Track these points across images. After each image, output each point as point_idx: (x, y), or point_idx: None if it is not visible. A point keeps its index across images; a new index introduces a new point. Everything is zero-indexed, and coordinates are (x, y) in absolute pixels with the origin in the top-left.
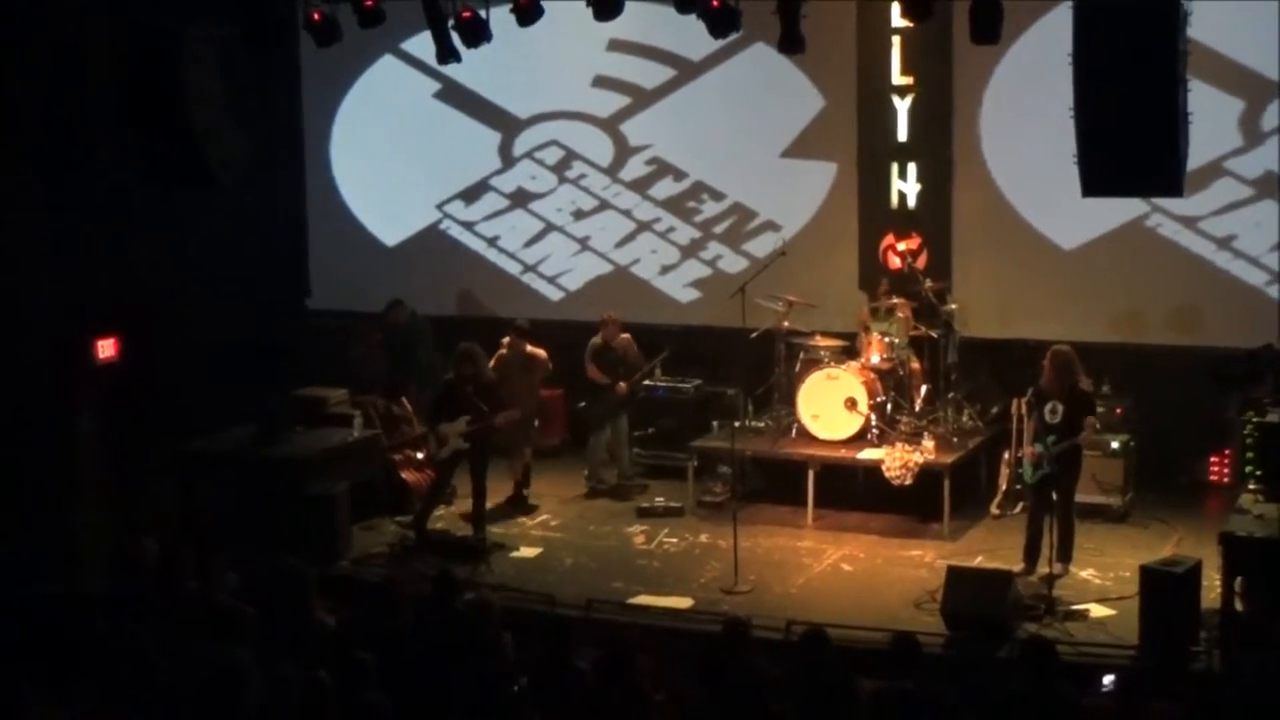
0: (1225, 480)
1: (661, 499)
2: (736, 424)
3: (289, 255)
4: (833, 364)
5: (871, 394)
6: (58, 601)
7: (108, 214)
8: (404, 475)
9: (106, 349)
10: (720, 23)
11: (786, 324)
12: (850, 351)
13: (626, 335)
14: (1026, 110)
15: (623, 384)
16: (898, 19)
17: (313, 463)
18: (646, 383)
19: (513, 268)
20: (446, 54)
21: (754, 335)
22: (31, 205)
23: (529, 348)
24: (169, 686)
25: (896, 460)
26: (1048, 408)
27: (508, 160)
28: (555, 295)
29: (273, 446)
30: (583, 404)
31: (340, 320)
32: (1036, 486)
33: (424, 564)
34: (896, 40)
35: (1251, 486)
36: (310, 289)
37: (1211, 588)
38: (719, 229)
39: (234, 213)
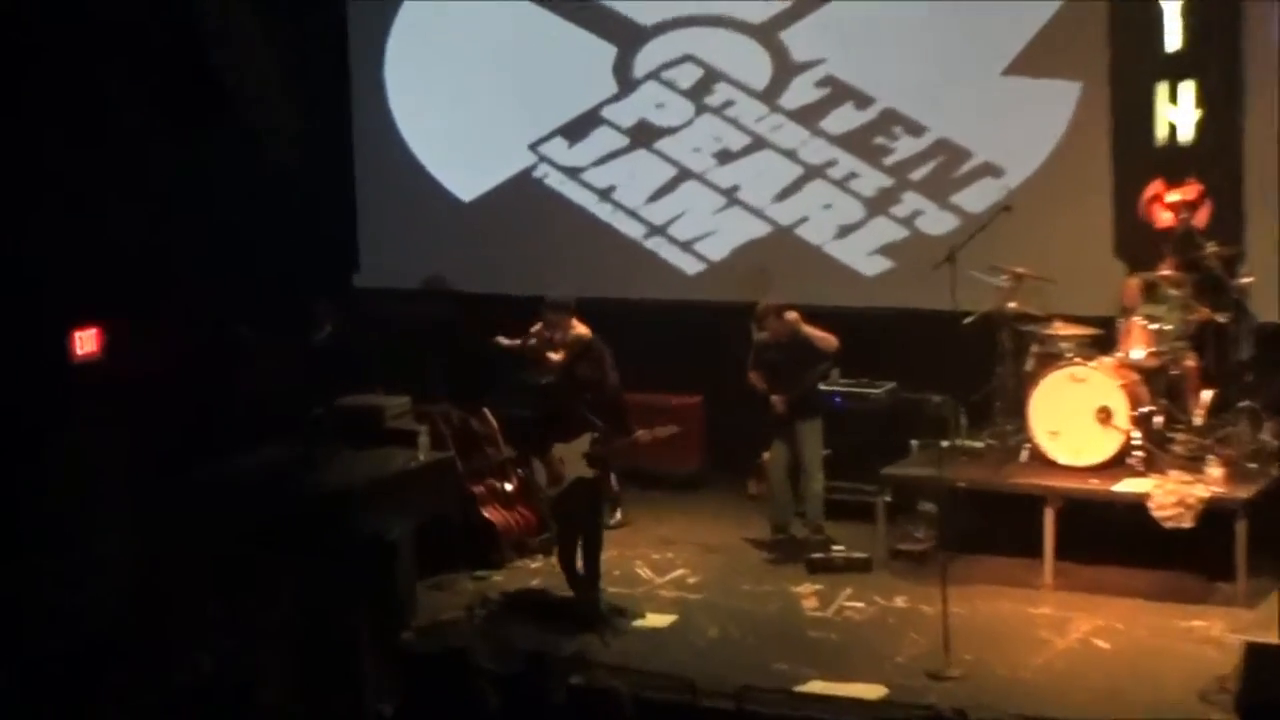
0: None
1: (841, 547)
2: (945, 444)
3: (330, 219)
4: (1079, 360)
5: (1134, 402)
6: None
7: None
8: (487, 513)
9: (86, 343)
10: None
11: (1013, 305)
12: (1103, 343)
13: (794, 314)
14: None
15: (778, 399)
16: None
17: (364, 495)
18: (822, 388)
19: (632, 229)
20: None
21: (968, 321)
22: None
23: (581, 328)
24: None
25: (1170, 494)
26: None
27: (626, 83)
28: (691, 266)
29: (310, 473)
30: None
31: (399, 303)
32: None
33: (515, 634)
34: None
35: None
36: (359, 262)
37: None
38: (917, 175)
39: (257, 167)
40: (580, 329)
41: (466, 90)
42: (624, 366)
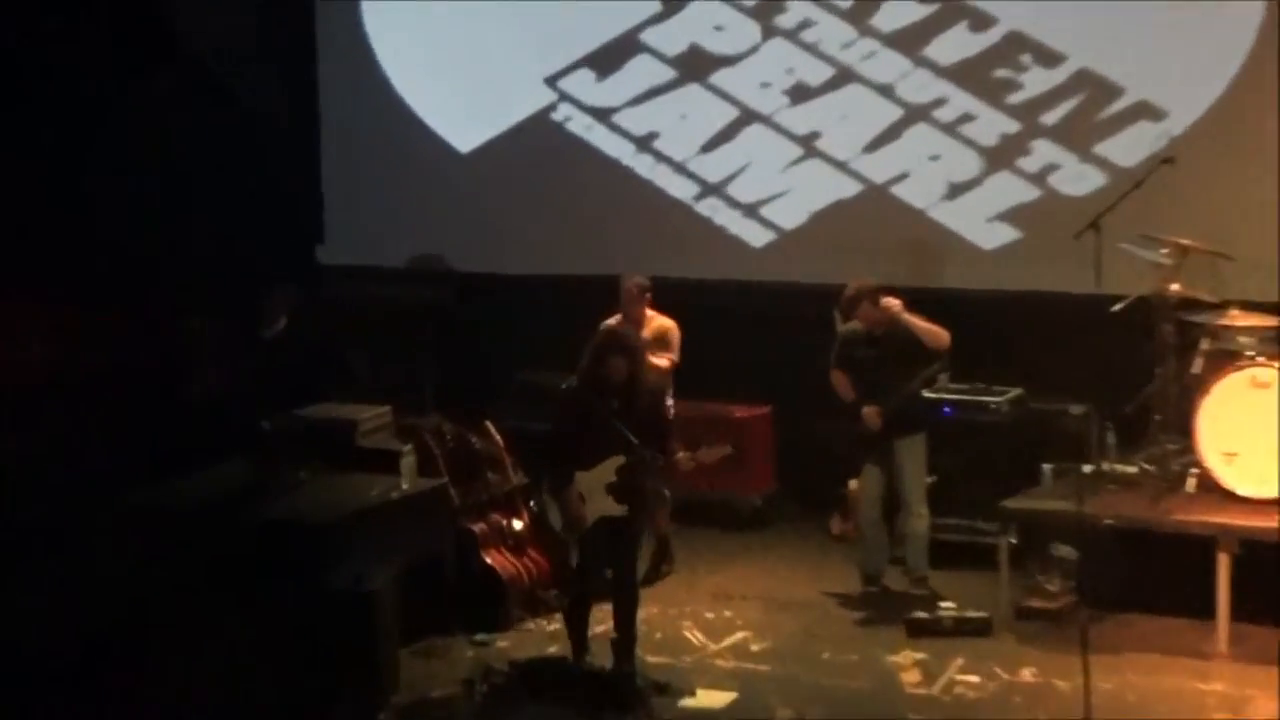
0: None
1: (951, 605)
2: (1087, 469)
3: (289, 177)
4: (1264, 360)
5: None
6: None
7: None
8: (490, 559)
9: None
10: None
11: (1176, 288)
12: None
13: (893, 300)
14: None
15: (870, 409)
16: None
17: (331, 534)
18: (927, 396)
19: (681, 188)
20: None
21: (1118, 308)
22: None
23: (656, 316)
24: None
25: None
26: None
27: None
28: (757, 237)
29: (263, 503)
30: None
31: (377, 285)
32: None
33: (527, 716)
34: None
35: None
36: (323, 232)
37: None
38: (1051, 117)
39: (200, 120)
40: (662, 320)
41: (465, 8)
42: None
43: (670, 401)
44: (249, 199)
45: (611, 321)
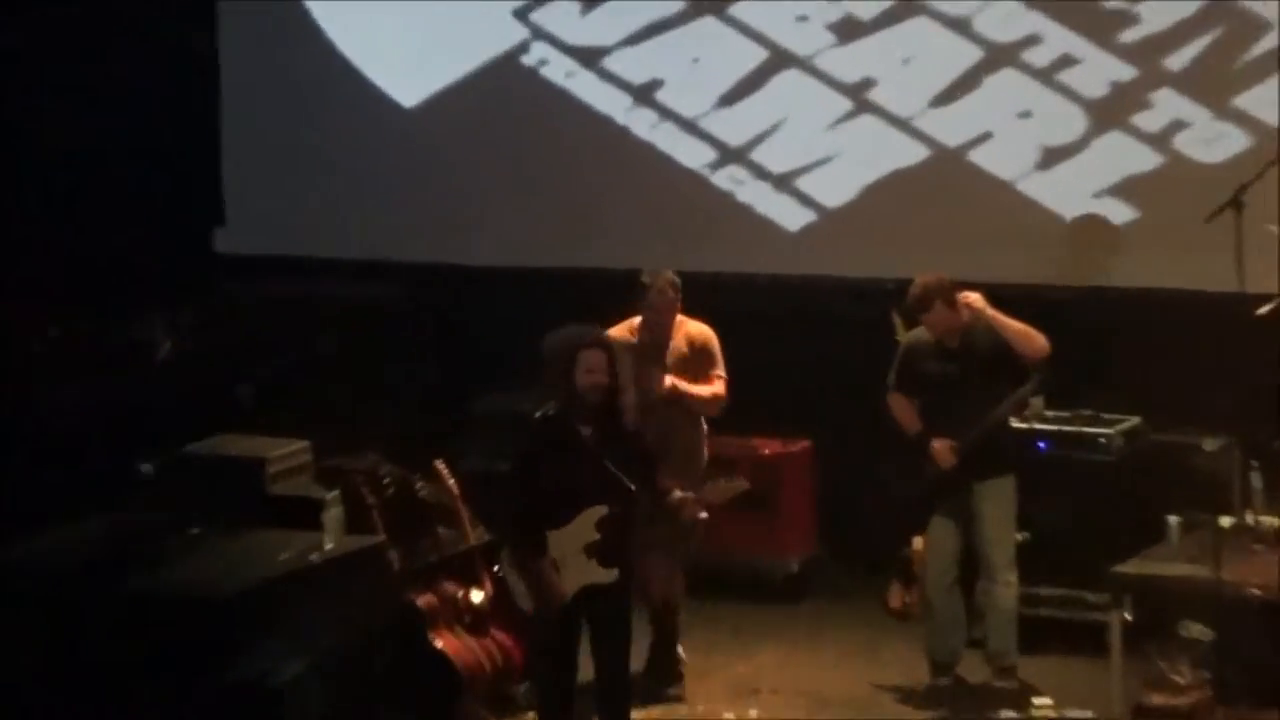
0: None
1: (1047, 701)
2: (1225, 521)
3: (178, 144)
4: None
5: None
6: None
7: None
8: (441, 642)
9: None
10: None
11: None
12: None
13: (974, 296)
14: None
15: (941, 444)
16: None
17: (231, 611)
18: (1015, 424)
19: (692, 154)
20: None
21: (1266, 310)
22: None
23: (687, 321)
24: None
25: None
26: None
27: None
28: (794, 219)
29: (136, 570)
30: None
31: (294, 281)
32: None
33: None
34: None
35: None
36: (223, 213)
37: None
38: (1176, 62)
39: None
40: (696, 326)
41: None
42: None
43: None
44: (120, 173)
45: (618, 329)
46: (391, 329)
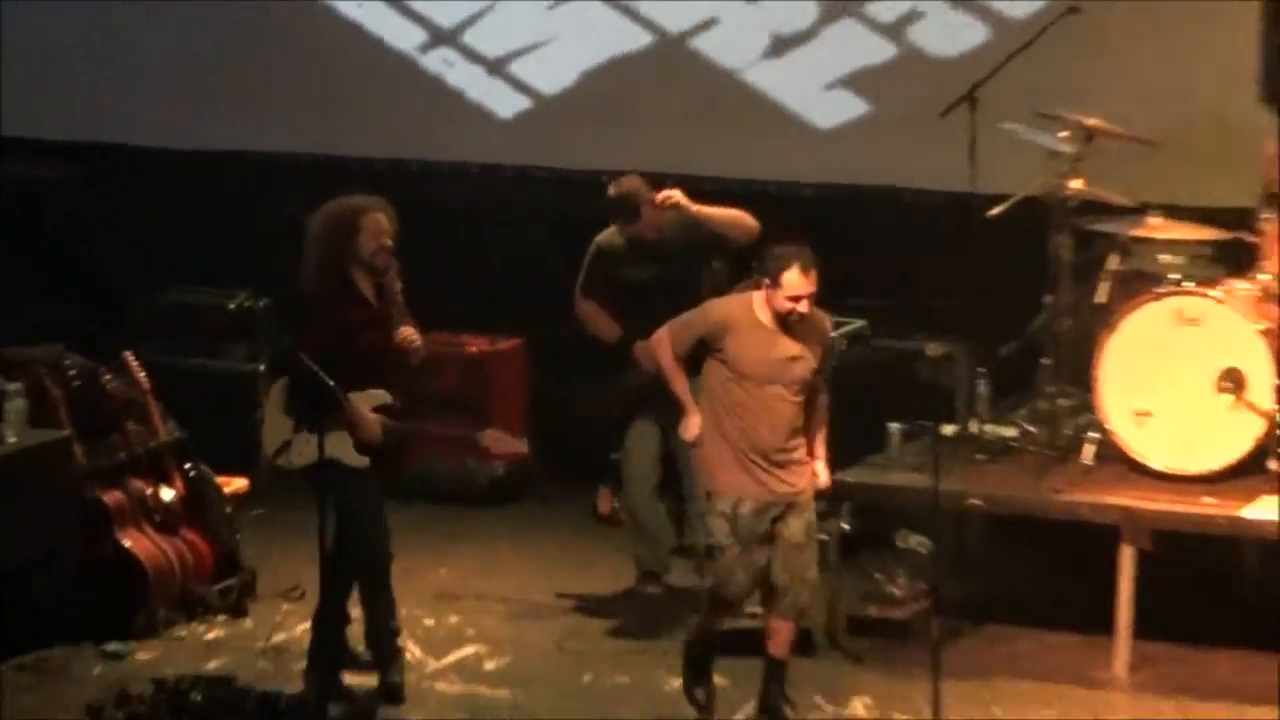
0: None
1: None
2: (948, 430)
3: None
4: (1191, 287)
5: None
6: None
7: None
8: (128, 542)
9: None
10: None
11: (1077, 185)
12: (1235, 257)
13: (674, 194)
14: None
15: (643, 346)
16: None
17: None
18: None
19: (399, 34)
20: None
21: (996, 212)
22: None
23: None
24: None
25: None
26: None
27: None
28: (507, 105)
29: None
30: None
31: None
32: None
33: None
34: None
35: None
36: None
37: None
38: None
39: None
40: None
41: None
42: None
43: None
44: None
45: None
46: (62, 212)
